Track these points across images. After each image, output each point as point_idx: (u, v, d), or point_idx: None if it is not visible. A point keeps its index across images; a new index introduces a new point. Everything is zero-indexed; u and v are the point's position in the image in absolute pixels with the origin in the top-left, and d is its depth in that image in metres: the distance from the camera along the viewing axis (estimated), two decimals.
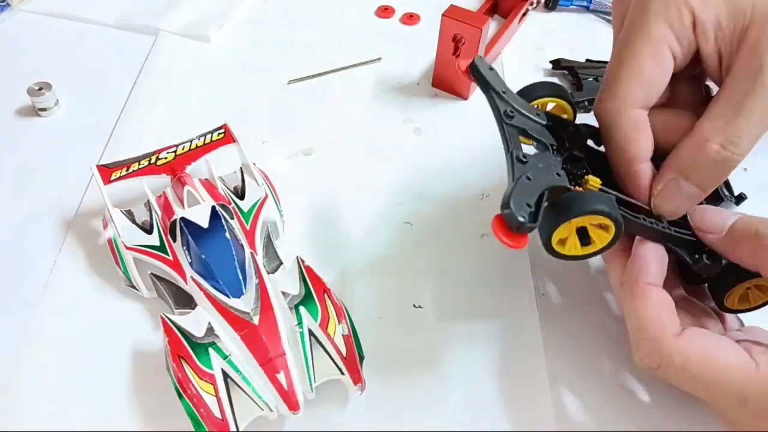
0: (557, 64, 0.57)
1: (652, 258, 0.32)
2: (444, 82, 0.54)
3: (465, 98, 0.54)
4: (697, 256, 0.33)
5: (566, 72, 0.56)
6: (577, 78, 0.55)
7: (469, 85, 0.53)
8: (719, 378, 0.29)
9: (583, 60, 0.57)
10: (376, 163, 0.49)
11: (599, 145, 0.36)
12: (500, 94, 0.34)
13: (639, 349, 0.31)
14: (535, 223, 0.29)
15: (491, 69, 0.35)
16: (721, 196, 0.40)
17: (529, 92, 0.36)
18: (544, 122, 0.34)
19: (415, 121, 0.52)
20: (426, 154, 0.50)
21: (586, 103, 0.52)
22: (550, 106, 0.36)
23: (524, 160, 0.31)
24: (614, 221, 0.30)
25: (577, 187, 0.32)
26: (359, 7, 0.63)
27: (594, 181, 0.32)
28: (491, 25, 0.50)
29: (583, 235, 0.30)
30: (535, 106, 0.36)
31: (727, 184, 0.41)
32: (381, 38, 0.60)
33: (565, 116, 0.36)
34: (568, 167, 0.33)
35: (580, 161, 0.33)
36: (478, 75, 0.35)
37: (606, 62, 0.36)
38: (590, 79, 0.55)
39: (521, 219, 0.28)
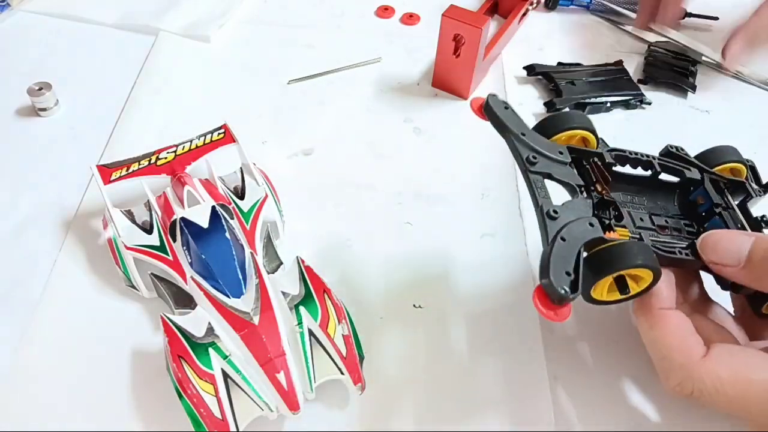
0: (531, 69, 0.56)
1: (661, 282, 0.31)
2: (444, 82, 0.54)
3: (465, 98, 0.54)
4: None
5: (541, 77, 0.56)
6: (554, 83, 0.54)
7: (469, 85, 0.53)
8: (757, 396, 0.29)
9: (568, 63, 0.57)
10: (376, 163, 0.49)
11: (624, 166, 0.35)
12: (519, 137, 0.32)
13: (668, 378, 0.30)
14: (576, 292, 0.28)
15: (506, 107, 0.33)
16: (749, 190, 0.38)
17: (549, 126, 0.34)
18: (568, 160, 0.33)
19: (415, 121, 0.52)
20: (426, 154, 0.50)
21: (567, 108, 0.52)
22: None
23: (555, 215, 0.30)
24: (652, 270, 0.29)
25: (609, 233, 0.30)
26: (359, 7, 0.63)
27: (622, 232, 0.31)
28: (491, 25, 0.50)
29: (622, 283, 0.30)
30: (562, 138, 0.34)
31: (756, 176, 0.39)
32: (381, 38, 0.60)
33: (586, 147, 0.35)
34: (599, 213, 0.32)
35: (608, 205, 0.32)
36: (493, 116, 0.33)
37: (578, 64, 0.37)
38: (564, 83, 0.54)
39: (563, 292, 0.27)
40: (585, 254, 0.29)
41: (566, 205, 0.31)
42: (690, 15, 0.62)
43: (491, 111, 0.33)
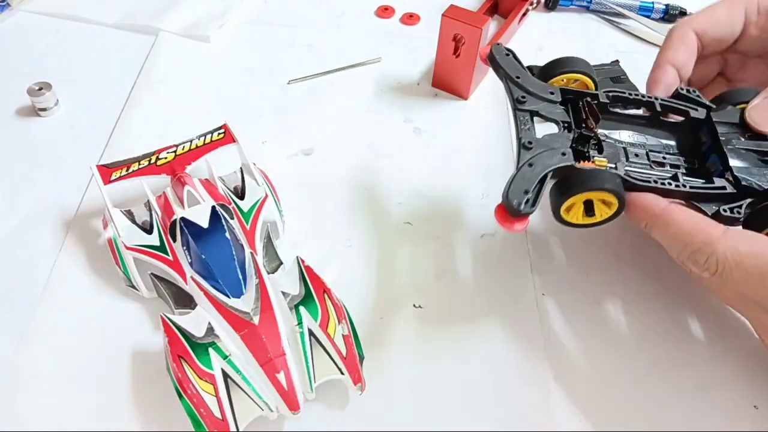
0: (530, 72, 0.55)
1: (647, 195, 0.34)
2: (444, 82, 0.54)
3: (465, 98, 0.54)
4: (716, 208, 0.34)
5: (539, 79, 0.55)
6: None
7: (469, 85, 0.53)
8: None
9: None
10: (376, 163, 0.49)
11: (625, 108, 0.38)
12: (513, 79, 0.37)
13: (696, 261, 0.32)
14: (533, 207, 0.31)
15: (508, 54, 0.38)
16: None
17: (549, 69, 0.39)
18: (558, 100, 0.37)
19: (415, 121, 0.52)
20: (426, 154, 0.50)
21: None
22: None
23: (529, 146, 0.34)
24: (617, 196, 0.33)
25: (584, 163, 0.34)
26: (359, 7, 0.63)
27: (600, 162, 0.34)
28: (491, 25, 0.50)
29: (589, 207, 0.34)
30: (563, 80, 0.38)
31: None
32: (381, 38, 0.60)
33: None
34: (577, 146, 0.35)
35: (588, 139, 0.35)
36: (494, 61, 0.38)
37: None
38: None
39: (516, 207, 0.31)
40: (554, 180, 0.33)
41: (545, 138, 0.35)
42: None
43: (492, 57, 0.38)
